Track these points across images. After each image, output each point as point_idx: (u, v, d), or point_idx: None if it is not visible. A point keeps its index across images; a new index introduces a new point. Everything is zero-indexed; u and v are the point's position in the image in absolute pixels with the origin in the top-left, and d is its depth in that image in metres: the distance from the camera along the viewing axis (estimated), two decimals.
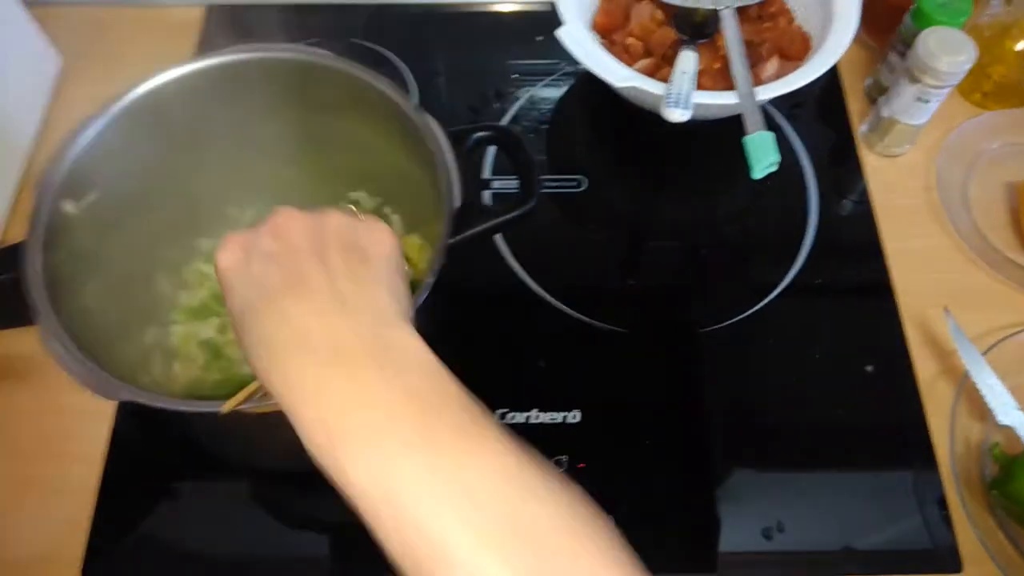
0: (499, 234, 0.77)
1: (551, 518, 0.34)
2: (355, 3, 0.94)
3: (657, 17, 0.81)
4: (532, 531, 0.33)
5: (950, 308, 0.70)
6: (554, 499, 0.34)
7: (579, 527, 0.34)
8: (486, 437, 0.35)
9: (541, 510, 0.34)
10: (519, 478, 0.34)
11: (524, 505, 0.33)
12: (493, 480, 0.34)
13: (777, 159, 0.67)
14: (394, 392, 0.35)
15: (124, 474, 0.66)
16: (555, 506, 0.34)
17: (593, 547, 0.34)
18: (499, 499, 0.33)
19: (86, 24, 0.90)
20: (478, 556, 0.32)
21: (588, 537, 0.34)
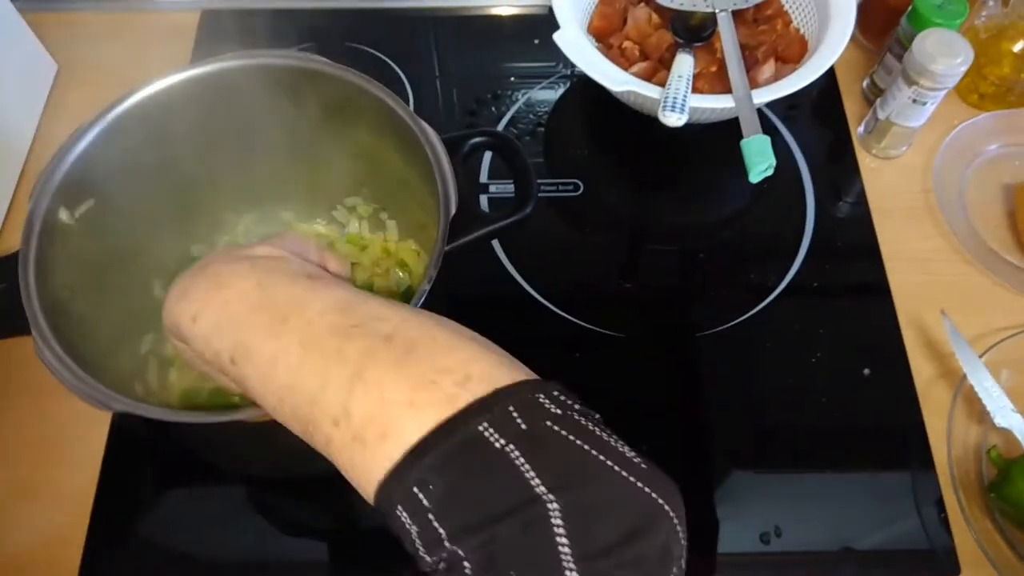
0: (496, 239, 0.77)
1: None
2: (350, 7, 0.94)
3: (654, 20, 0.81)
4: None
5: (947, 310, 0.70)
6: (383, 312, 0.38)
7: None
8: (318, 283, 0.40)
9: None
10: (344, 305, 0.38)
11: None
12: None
13: (773, 163, 0.67)
14: (239, 266, 0.42)
15: (120, 480, 0.66)
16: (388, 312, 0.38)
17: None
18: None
19: (81, 30, 0.90)
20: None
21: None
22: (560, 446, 0.31)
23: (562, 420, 0.32)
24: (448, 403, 0.32)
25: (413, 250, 0.72)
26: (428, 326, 0.36)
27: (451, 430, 0.31)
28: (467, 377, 0.33)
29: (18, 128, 0.80)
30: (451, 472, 0.30)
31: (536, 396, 0.32)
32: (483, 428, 0.31)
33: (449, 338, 0.35)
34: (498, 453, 0.30)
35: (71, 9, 0.92)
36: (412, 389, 0.32)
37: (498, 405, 0.31)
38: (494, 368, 0.34)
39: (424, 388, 0.32)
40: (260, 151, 0.65)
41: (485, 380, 0.33)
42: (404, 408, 0.32)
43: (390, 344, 0.34)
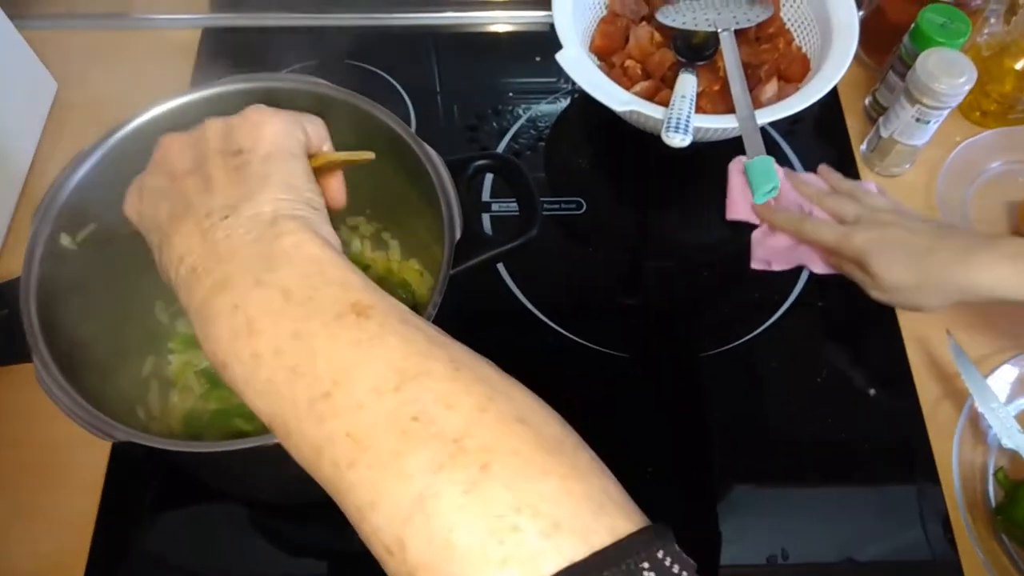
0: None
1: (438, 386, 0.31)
2: (351, 24, 0.94)
3: (656, 39, 0.81)
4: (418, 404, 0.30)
5: (952, 329, 0.70)
6: (442, 370, 0.31)
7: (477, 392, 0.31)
8: (366, 329, 0.32)
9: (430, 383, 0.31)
10: (389, 353, 0.32)
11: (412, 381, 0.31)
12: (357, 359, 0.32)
13: (778, 184, 0.67)
14: (270, 294, 0.33)
15: (122, 503, 0.65)
16: (444, 377, 0.31)
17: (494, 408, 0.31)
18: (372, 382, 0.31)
19: (81, 48, 0.90)
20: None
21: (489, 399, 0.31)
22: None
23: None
24: (531, 563, 0.26)
25: (416, 270, 0.72)
26: (508, 426, 0.30)
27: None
28: (556, 525, 0.27)
29: (17, 147, 0.80)
30: None
31: (641, 568, 0.27)
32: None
33: (535, 450, 0.29)
34: None
35: (71, 27, 0.92)
36: (486, 535, 0.27)
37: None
38: (588, 510, 0.28)
39: (502, 536, 0.27)
40: None
41: (578, 532, 0.27)
42: (474, 562, 0.26)
43: (461, 455, 0.28)
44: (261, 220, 0.36)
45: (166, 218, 0.38)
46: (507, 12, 0.96)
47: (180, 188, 0.39)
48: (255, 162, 0.38)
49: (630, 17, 0.83)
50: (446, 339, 0.34)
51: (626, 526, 0.28)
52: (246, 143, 0.39)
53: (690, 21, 0.80)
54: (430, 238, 0.59)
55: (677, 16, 0.81)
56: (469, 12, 0.95)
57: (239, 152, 0.39)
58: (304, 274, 0.34)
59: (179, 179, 0.39)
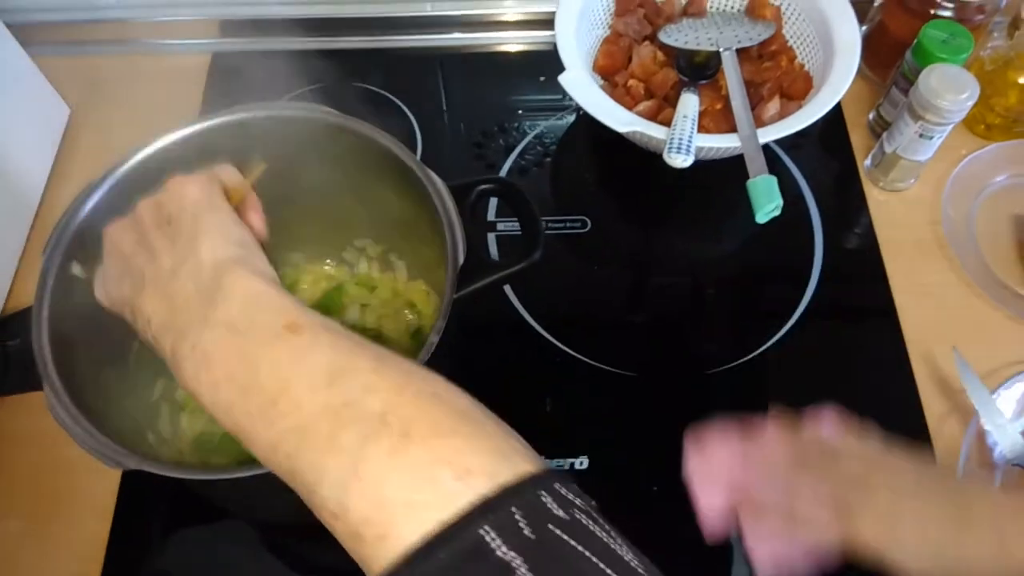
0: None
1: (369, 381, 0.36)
2: (356, 47, 0.95)
3: (659, 58, 0.81)
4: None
5: (958, 345, 0.70)
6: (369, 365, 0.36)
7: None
8: (299, 342, 0.38)
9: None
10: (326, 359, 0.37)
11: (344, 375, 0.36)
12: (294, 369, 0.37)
13: (780, 203, 0.67)
14: (217, 331, 0.39)
15: (133, 527, 0.66)
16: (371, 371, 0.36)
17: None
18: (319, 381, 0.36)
19: (93, 74, 0.91)
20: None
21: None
22: (566, 557, 0.30)
23: (567, 525, 0.31)
24: (448, 502, 0.30)
25: (423, 291, 0.72)
26: (422, 400, 0.35)
27: (453, 534, 0.30)
28: (467, 470, 0.31)
29: (30, 173, 0.81)
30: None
31: (540, 496, 0.31)
32: (486, 534, 0.29)
33: (445, 417, 0.34)
34: (503, 566, 0.29)
35: (83, 53, 0.93)
36: (409, 486, 0.31)
37: (502, 507, 0.30)
38: (495, 457, 0.33)
39: (422, 485, 0.31)
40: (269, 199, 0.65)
41: (486, 473, 0.31)
42: (402, 509, 0.31)
43: (384, 427, 0.33)
44: (203, 269, 0.41)
45: (130, 293, 0.44)
46: (512, 32, 0.97)
47: (133, 266, 0.45)
48: (185, 223, 0.44)
49: (633, 37, 0.84)
50: (369, 342, 0.39)
51: (529, 469, 0.33)
52: (174, 211, 0.45)
53: (692, 41, 0.80)
54: (436, 260, 0.59)
55: (679, 36, 0.81)
56: (475, 33, 0.97)
57: (169, 220, 0.45)
58: (242, 307, 0.39)
59: (130, 259, 0.45)
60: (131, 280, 0.45)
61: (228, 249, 0.43)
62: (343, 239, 0.73)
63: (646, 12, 0.85)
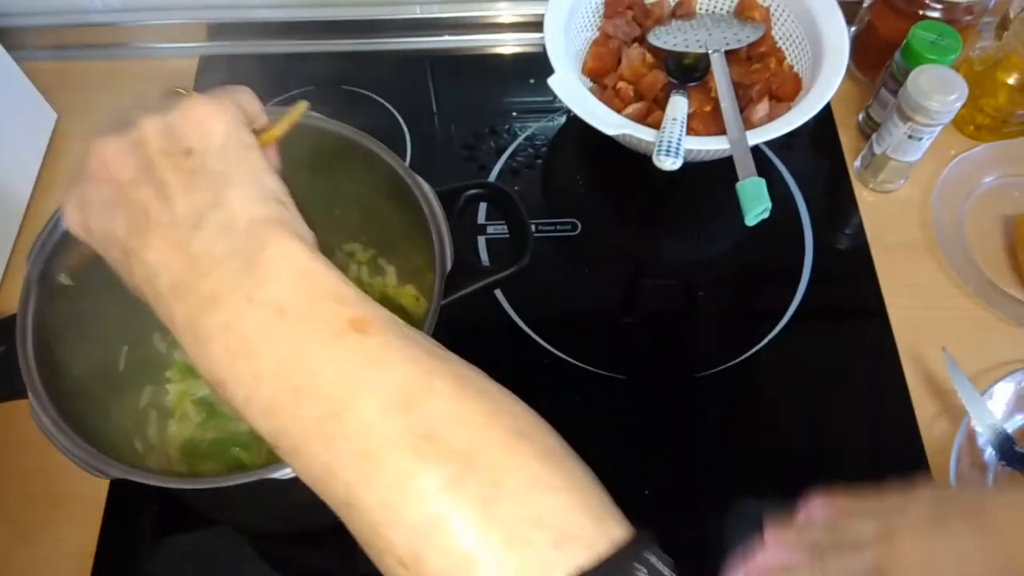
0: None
1: (451, 402, 0.31)
2: (346, 50, 0.95)
3: (648, 60, 0.81)
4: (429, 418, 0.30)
5: (947, 346, 0.70)
6: (453, 383, 0.32)
7: (484, 407, 0.32)
8: (368, 348, 0.32)
9: (441, 398, 0.31)
10: (396, 360, 0.32)
11: (424, 392, 0.31)
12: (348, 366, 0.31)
13: (769, 206, 0.67)
14: (263, 312, 0.32)
15: (122, 532, 0.66)
16: (454, 391, 0.32)
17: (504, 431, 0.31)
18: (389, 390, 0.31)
19: (80, 79, 0.91)
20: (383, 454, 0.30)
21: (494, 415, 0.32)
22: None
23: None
24: (543, 571, 0.28)
25: (412, 295, 0.72)
26: (512, 440, 0.31)
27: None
28: (563, 536, 0.29)
29: (17, 179, 0.80)
30: None
31: (635, 570, 0.29)
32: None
33: (539, 465, 0.31)
34: None
35: (70, 58, 0.93)
36: (502, 548, 0.28)
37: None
38: (591, 521, 0.30)
39: (516, 550, 0.28)
40: None
41: (585, 543, 0.29)
42: (492, 572, 0.28)
43: (472, 472, 0.29)
44: (236, 228, 0.33)
45: (124, 233, 0.35)
46: (502, 35, 0.96)
47: (132, 198, 0.35)
48: (211, 161, 0.35)
49: (622, 39, 0.84)
50: (445, 352, 0.34)
51: (621, 533, 0.30)
52: (195, 142, 0.35)
53: (681, 43, 0.80)
54: (425, 264, 0.59)
55: (668, 38, 0.81)
56: (464, 35, 0.96)
57: (189, 152, 0.35)
58: (295, 288, 0.32)
59: (127, 189, 0.35)
60: (126, 216, 0.35)
61: (267, 206, 0.34)
62: (332, 244, 0.73)
63: (635, 14, 0.85)
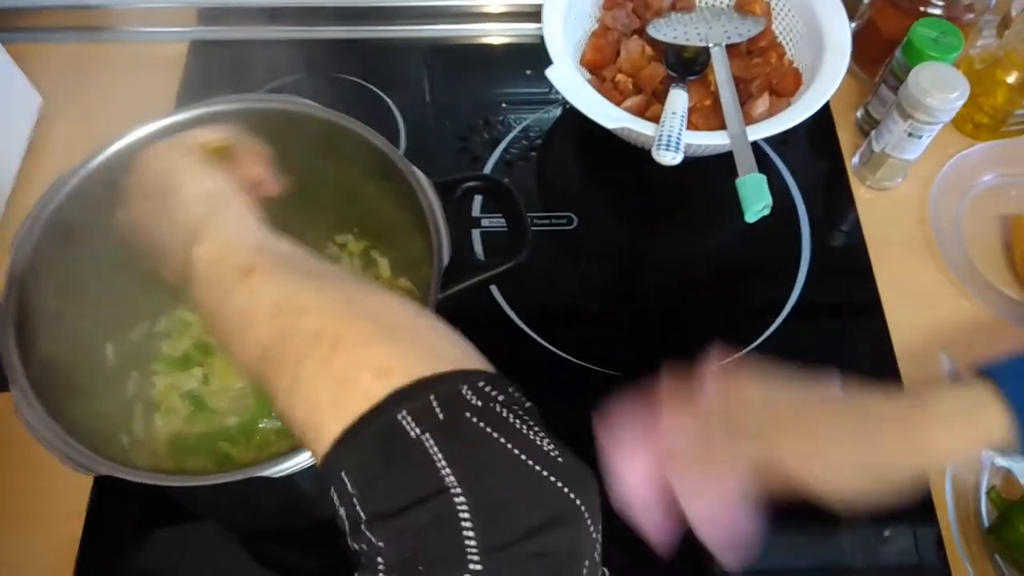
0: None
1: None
2: (339, 37, 0.93)
3: (647, 53, 0.80)
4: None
5: (944, 344, 0.70)
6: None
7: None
8: (254, 287, 0.40)
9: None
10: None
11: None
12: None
13: (770, 202, 0.66)
14: (198, 289, 0.42)
15: (107, 525, 0.65)
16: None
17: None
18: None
19: (68, 62, 0.89)
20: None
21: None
22: (474, 437, 0.32)
23: (481, 411, 0.33)
24: (366, 397, 0.33)
25: (406, 288, 0.71)
26: (356, 318, 0.37)
27: (372, 419, 0.32)
28: (387, 369, 0.34)
29: (2, 165, 0.79)
30: (371, 459, 0.32)
31: (459, 387, 0.34)
32: (401, 417, 0.32)
33: (376, 329, 0.37)
34: (413, 442, 0.31)
35: (56, 41, 0.91)
36: (337, 390, 0.34)
37: (420, 395, 0.33)
38: (419, 359, 0.35)
39: (345, 387, 0.34)
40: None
41: (405, 372, 0.34)
42: (330, 409, 0.34)
43: (318, 343, 0.36)
44: (177, 238, 0.45)
45: (156, 248, 0.48)
46: (498, 24, 0.95)
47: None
48: (158, 189, 0.46)
49: (621, 31, 0.83)
50: (323, 272, 0.42)
51: (452, 368, 0.34)
52: (149, 179, 0.48)
53: (681, 35, 0.79)
54: (419, 257, 0.58)
55: (668, 30, 0.80)
56: (460, 24, 0.95)
57: (147, 191, 0.48)
58: (207, 268, 0.42)
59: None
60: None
61: (193, 209, 0.44)
62: (324, 235, 0.72)
63: (635, 6, 0.84)
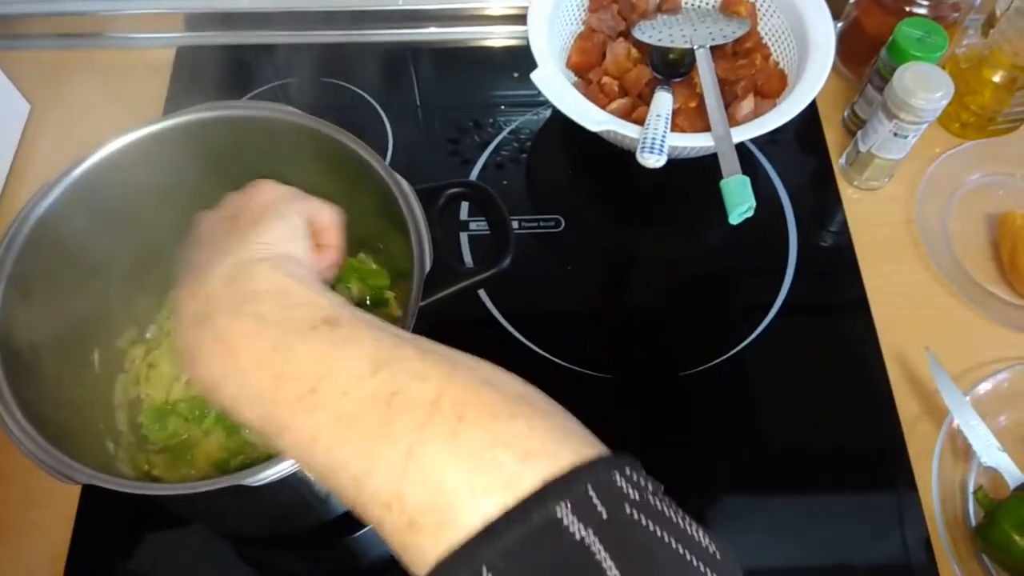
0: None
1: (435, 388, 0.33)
2: (326, 42, 0.94)
3: (632, 55, 0.80)
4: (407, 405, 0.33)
5: (931, 344, 0.70)
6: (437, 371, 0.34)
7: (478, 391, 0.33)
8: (338, 334, 0.36)
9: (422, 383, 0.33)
10: (379, 357, 0.34)
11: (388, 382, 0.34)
12: (349, 368, 0.34)
13: (753, 204, 0.66)
14: (244, 321, 0.37)
15: (96, 530, 0.65)
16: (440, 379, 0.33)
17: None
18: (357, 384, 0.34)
19: (54, 69, 0.89)
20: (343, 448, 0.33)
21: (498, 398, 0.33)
22: (642, 538, 0.29)
23: (641, 506, 0.30)
24: (512, 485, 0.29)
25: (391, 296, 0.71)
26: (475, 386, 0.33)
27: (522, 514, 0.28)
28: (529, 452, 0.30)
29: None
30: (525, 559, 0.28)
31: (612, 476, 0.30)
32: (559, 511, 0.28)
33: (501, 401, 0.33)
34: (577, 543, 0.28)
35: (44, 48, 0.91)
36: (471, 471, 0.30)
37: (575, 486, 0.29)
38: (557, 439, 0.31)
39: (484, 469, 0.30)
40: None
41: (549, 455, 0.30)
42: (464, 494, 0.30)
43: (437, 413, 0.32)
44: (230, 264, 0.41)
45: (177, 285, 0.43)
46: (486, 27, 0.95)
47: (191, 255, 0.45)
48: (244, 220, 0.44)
49: (607, 33, 0.83)
50: (411, 335, 0.37)
51: (591, 452, 0.31)
52: (241, 206, 0.46)
53: (666, 38, 0.79)
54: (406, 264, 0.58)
55: (653, 32, 0.80)
56: (448, 28, 0.95)
57: (236, 216, 0.45)
58: (273, 301, 0.38)
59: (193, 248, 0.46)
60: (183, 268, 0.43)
61: (264, 251, 0.41)
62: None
63: (620, 8, 0.84)
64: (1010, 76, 0.79)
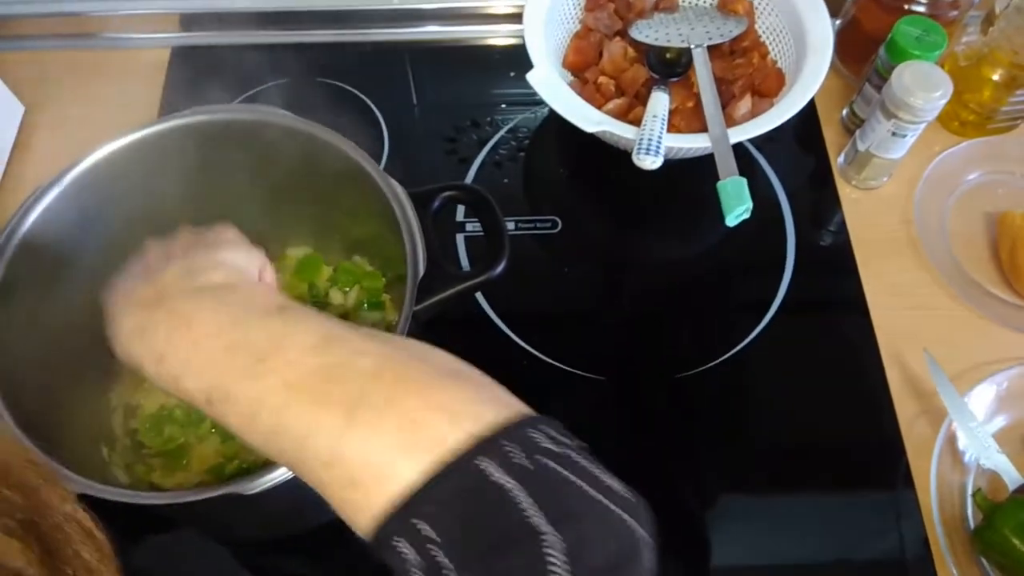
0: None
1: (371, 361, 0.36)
2: (322, 41, 0.93)
3: (629, 55, 0.80)
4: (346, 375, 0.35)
5: (929, 344, 0.69)
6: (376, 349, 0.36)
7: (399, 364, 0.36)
8: (291, 316, 0.39)
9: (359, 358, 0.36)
10: (329, 338, 0.37)
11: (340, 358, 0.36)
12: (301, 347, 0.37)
13: (750, 206, 0.66)
14: (203, 299, 0.40)
15: None
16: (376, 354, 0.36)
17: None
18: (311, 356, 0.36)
19: (48, 70, 0.89)
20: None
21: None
22: (557, 482, 0.32)
23: (557, 456, 0.33)
24: (441, 443, 0.32)
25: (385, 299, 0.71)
26: (411, 361, 0.36)
27: (456, 467, 0.32)
28: (457, 414, 0.33)
29: None
30: (456, 507, 0.31)
31: (529, 432, 0.33)
32: (486, 465, 0.31)
33: (436, 373, 0.36)
34: (500, 490, 0.31)
35: (38, 48, 0.90)
36: (405, 430, 0.33)
37: (498, 442, 0.32)
38: (483, 404, 0.34)
39: (415, 430, 0.33)
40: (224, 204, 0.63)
41: (476, 417, 0.33)
42: (399, 451, 0.32)
43: (377, 382, 0.34)
44: (192, 270, 0.43)
45: (119, 297, 0.44)
46: (484, 26, 0.95)
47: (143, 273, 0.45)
48: (204, 245, 0.45)
49: (604, 32, 0.82)
50: (358, 326, 0.39)
51: (515, 414, 0.34)
52: (207, 238, 0.47)
53: (663, 37, 0.79)
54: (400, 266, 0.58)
55: (650, 31, 0.80)
56: (444, 27, 0.95)
57: (192, 244, 0.46)
58: (232, 291, 0.41)
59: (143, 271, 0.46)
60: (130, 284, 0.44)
61: (220, 260, 0.44)
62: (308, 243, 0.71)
63: (617, 7, 0.83)
64: (1009, 74, 0.79)
